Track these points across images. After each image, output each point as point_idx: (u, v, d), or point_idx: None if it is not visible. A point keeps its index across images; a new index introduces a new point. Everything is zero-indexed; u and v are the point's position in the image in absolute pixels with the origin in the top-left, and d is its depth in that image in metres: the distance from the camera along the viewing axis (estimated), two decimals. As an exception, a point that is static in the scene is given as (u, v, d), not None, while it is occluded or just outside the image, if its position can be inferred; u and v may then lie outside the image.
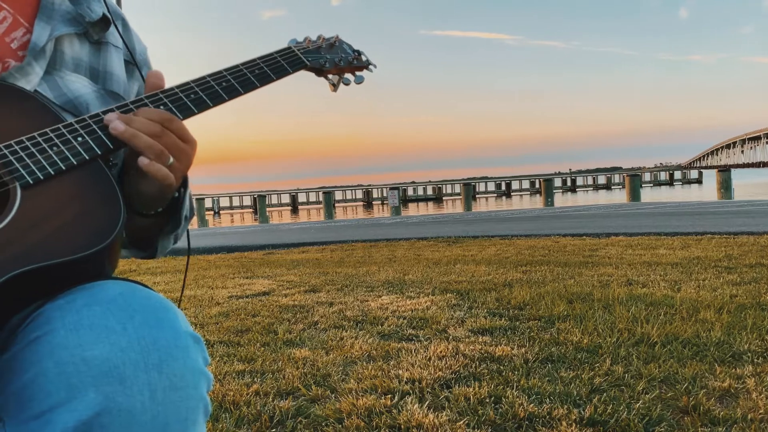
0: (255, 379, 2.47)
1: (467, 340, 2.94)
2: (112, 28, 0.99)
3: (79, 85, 0.91)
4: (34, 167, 0.74)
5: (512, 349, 2.72)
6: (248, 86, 0.96)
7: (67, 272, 0.70)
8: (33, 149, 0.76)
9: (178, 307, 1.13)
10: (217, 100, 0.92)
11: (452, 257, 6.88)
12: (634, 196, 28.73)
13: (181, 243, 1.08)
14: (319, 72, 1.11)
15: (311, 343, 3.01)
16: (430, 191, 61.39)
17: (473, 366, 2.50)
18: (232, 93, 0.94)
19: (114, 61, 0.98)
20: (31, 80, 0.85)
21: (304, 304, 4.09)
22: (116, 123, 0.79)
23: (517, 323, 3.23)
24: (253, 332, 3.31)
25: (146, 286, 0.74)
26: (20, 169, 0.74)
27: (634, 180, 30.26)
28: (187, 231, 1.02)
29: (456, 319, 3.39)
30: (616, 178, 62.00)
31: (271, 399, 2.22)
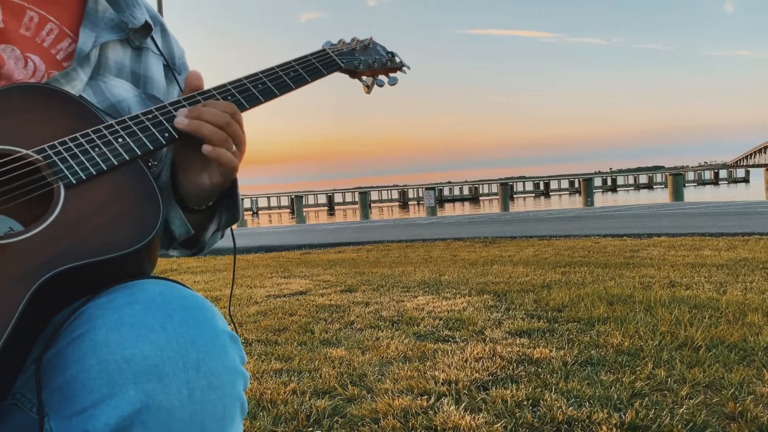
0: (292, 378, 2.49)
1: (504, 341, 2.91)
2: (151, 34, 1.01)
3: (121, 90, 0.94)
4: (77, 167, 0.76)
5: (551, 351, 2.68)
6: (283, 88, 0.97)
7: (107, 270, 0.71)
8: (76, 150, 0.78)
9: (228, 306, 1.16)
10: (253, 102, 0.93)
11: (489, 258, 6.82)
12: (677, 195, 28.01)
13: (223, 242, 1.10)
14: (353, 74, 1.12)
15: (347, 343, 3.02)
16: (466, 191, 60.99)
17: (511, 368, 2.47)
18: (268, 95, 0.95)
19: (153, 66, 1.00)
20: (76, 86, 0.88)
21: (341, 304, 4.11)
22: (180, 118, 0.84)
23: (556, 325, 3.18)
24: (290, 331, 3.34)
25: (185, 286, 0.75)
26: (64, 169, 0.76)
27: (677, 179, 29.49)
28: (231, 230, 1.04)
29: (493, 321, 3.36)
30: (659, 178, 60.52)
31: (307, 398, 2.23)
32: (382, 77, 1.15)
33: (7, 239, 0.69)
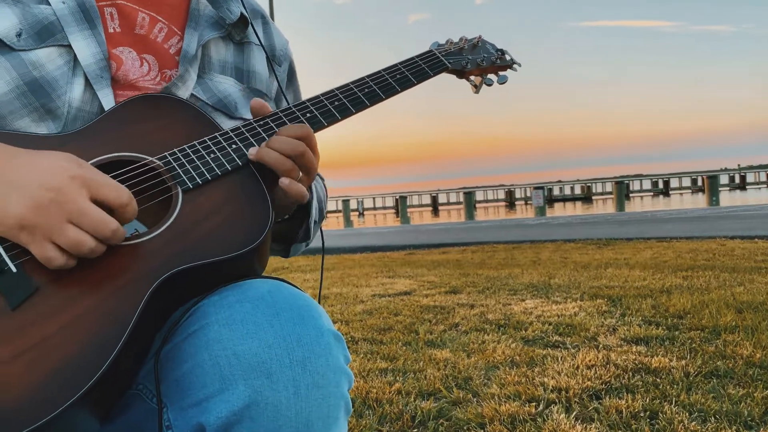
0: (397, 378, 2.50)
1: (619, 349, 2.76)
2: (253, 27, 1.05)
3: (227, 85, 0.98)
4: (194, 173, 0.82)
5: (671, 360, 2.51)
6: (389, 91, 0.98)
7: (220, 270, 0.75)
8: (193, 156, 0.83)
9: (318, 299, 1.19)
10: (359, 107, 0.95)
11: (603, 261, 6.52)
12: (819, 193, 25.28)
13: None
14: (461, 74, 1.10)
15: (452, 345, 3.00)
16: (578, 190, 58.65)
17: (626, 377, 2.34)
18: (373, 99, 0.97)
19: (256, 60, 1.04)
20: (189, 86, 0.94)
21: (445, 305, 4.09)
22: (252, 149, 0.85)
23: (677, 333, 2.98)
24: (395, 331, 3.37)
25: (293, 285, 0.77)
26: (182, 174, 0.81)
27: (819, 175, 26.61)
28: (321, 232, 1.07)
29: (607, 327, 3.20)
30: (796, 174, 55.01)
31: (412, 399, 2.23)
32: (491, 76, 1.13)
33: (132, 240, 0.74)
